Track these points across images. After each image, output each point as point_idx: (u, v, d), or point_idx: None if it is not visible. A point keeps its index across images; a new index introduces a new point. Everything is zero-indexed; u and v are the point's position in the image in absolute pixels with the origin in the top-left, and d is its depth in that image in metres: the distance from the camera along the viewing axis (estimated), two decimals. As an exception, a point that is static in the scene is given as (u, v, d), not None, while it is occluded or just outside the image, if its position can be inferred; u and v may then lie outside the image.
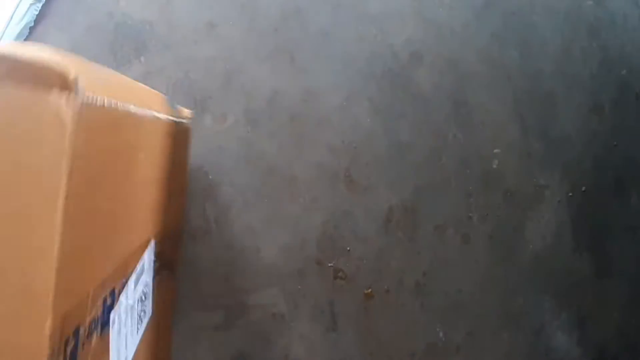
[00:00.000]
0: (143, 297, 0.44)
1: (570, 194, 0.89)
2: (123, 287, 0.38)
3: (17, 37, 0.85)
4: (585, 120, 0.91)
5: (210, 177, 0.81)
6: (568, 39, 0.92)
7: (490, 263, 0.85)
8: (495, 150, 0.88)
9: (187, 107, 0.83)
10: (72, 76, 0.25)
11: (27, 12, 0.84)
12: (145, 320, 0.46)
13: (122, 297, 0.38)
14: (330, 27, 0.88)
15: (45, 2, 0.85)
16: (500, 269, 0.85)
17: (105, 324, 0.35)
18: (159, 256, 0.49)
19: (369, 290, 0.82)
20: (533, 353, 0.85)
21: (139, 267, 0.42)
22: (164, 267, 0.50)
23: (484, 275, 0.85)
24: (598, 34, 0.93)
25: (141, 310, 0.44)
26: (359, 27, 0.89)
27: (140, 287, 0.43)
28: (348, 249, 0.83)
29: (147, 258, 0.45)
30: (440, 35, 0.90)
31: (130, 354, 0.41)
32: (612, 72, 0.92)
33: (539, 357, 0.85)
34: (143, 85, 0.44)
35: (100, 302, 0.33)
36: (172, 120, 0.49)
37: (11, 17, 0.84)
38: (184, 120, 0.54)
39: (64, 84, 0.25)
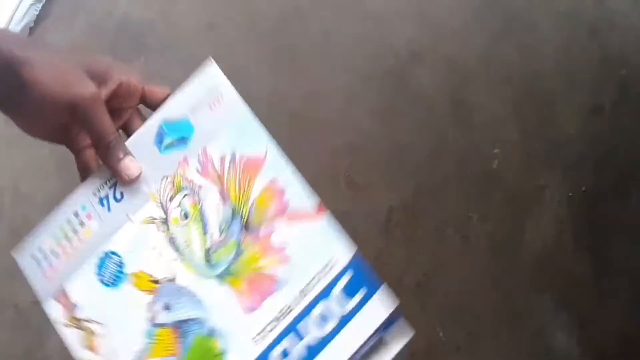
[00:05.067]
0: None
1: (570, 194, 0.89)
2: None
3: (17, 37, 0.85)
4: (586, 121, 0.91)
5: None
6: (568, 39, 0.92)
7: (490, 263, 0.85)
8: (495, 150, 0.88)
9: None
10: None
11: (27, 12, 0.84)
12: None
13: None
14: (330, 28, 0.88)
15: (45, 2, 0.85)
16: (500, 269, 0.85)
17: None
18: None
19: (369, 290, 0.82)
20: (533, 353, 0.85)
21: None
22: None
23: (484, 276, 0.85)
24: (598, 34, 0.93)
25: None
26: (359, 27, 0.89)
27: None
28: (348, 249, 0.83)
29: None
30: (440, 35, 0.90)
31: None
32: (612, 72, 0.92)
33: (539, 357, 0.85)
34: None
35: None
36: None
37: (11, 17, 0.84)
38: None
39: None
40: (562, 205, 0.88)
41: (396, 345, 0.38)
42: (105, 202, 0.39)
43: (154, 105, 0.40)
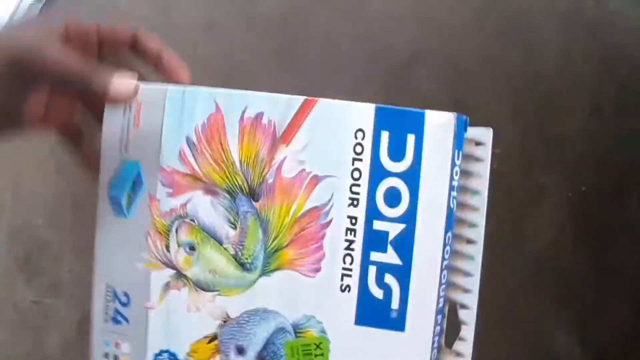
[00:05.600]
0: None
1: (570, 194, 0.89)
2: None
3: (17, 37, 0.85)
4: (586, 121, 0.91)
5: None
6: (568, 39, 0.92)
7: (490, 263, 0.85)
8: (496, 150, 0.88)
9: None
10: None
11: (27, 12, 0.84)
12: None
13: None
14: (330, 27, 0.88)
15: (45, 2, 0.85)
16: (501, 269, 0.85)
17: None
18: None
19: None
20: (533, 353, 0.85)
21: None
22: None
23: (484, 276, 0.85)
24: (598, 34, 0.93)
25: None
26: (359, 27, 0.89)
27: None
28: (348, 249, 0.83)
29: None
30: (440, 35, 0.90)
31: None
32: (612, 72, 0.92)
33: (539, 357, 0.85)
34: None
35: None
36: None
37: (11, 18, 0.84)
38: None
39: None
40: (562, 205, 0.88)
41: (485, 150, 0.33)
42: (119, 318, 0.32)
43: (121, 43, 0.33)
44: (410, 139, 0.30)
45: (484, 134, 0.32)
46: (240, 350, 0.31)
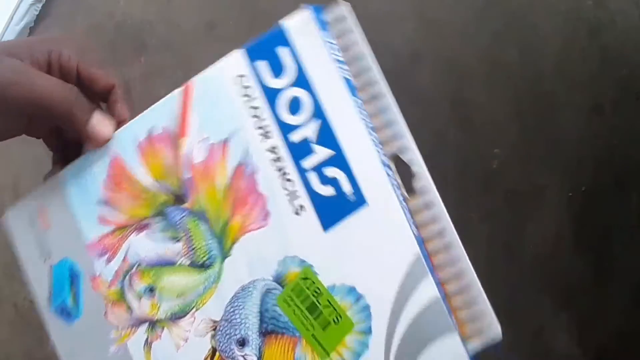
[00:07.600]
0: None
1: (570, 194, 0.89)
2: None
3: (17, 37, 0.85)
4: (586, 120, 0.91)
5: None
6: (568, 39, 0.92)
7: (490, 263, 0.85)
8: (495, 150, 0.88)
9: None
10: None
11: (27, 12, 0.84)
12: None
13: None
14: (330, 27, 0.88)
15: (45, 2, 0.85)
16: (500, 269, 0.85)
17: None
18: None
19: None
20: (533, 353, 0.85)
21: None
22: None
23: (484, 276, 0.85)
24: (598, 34, 0.93)
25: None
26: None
27: None
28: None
29: None
30: (441, 35, 0.90)
31: None
32: (612, 72, 0.92)
33: (539, 357, 0.85)
34: None
35: None
36: None
37: (11, 17, 0.84)
38: None
39: None
40: (562, 205, 0.88)
41: (349, 20, 0.33)
42: None
43: (97, 92, 0.33)
44: (283, 51, 0.31)
45: (341, 9, 0.33)
46: (242, 342, 0.29)
